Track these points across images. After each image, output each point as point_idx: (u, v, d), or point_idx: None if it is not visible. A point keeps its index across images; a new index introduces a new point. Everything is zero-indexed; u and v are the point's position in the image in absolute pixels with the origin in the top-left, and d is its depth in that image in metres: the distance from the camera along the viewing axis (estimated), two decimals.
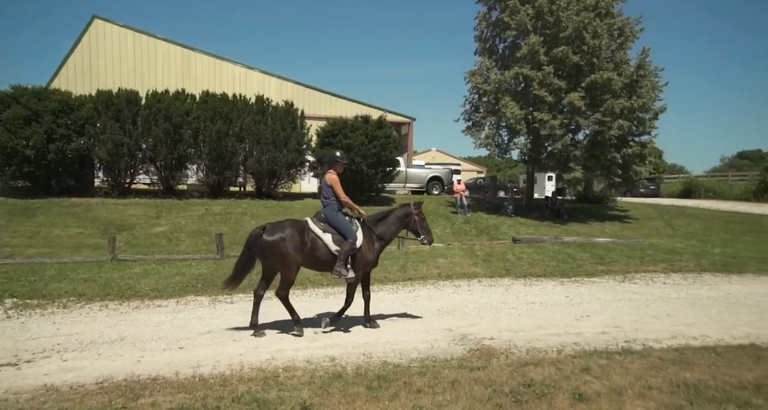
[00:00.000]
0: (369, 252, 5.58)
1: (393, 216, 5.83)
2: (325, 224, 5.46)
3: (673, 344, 4.95)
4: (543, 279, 8.80)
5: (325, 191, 5.65)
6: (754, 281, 8.47)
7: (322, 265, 5.51)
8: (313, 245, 5.33)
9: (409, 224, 5.87)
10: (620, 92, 15.40)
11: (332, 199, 5.59)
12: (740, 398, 3.51)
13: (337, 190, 5.58)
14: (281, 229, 5.29)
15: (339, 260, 5.31)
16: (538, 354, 4.65)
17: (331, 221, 5.47)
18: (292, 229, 5.31)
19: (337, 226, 5.44)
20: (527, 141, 16.94)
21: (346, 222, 5.50)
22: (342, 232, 5.41)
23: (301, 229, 5.36)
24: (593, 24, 15.36)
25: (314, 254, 5.36)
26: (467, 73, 17.79)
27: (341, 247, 5.33)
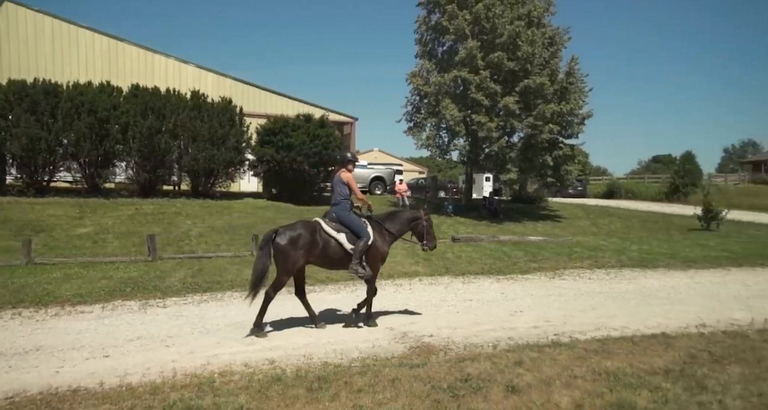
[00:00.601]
0: (384, 246, 5.76)
1: (402, 217, 6.06)
2: (338, 223, 5.53)
3: (597, 335, 5.27)
4: (480, 277, 9.09)
5: (339, 189, 5.69)
6: (665, 275, 9.23)
7: (335, 263, 5.60)
8: (325, 245, 5.41)
9: (416, 227, 6.03)
10: (551, 97, 16.27)
11: (344, 198, 5.67)
12: (652, 383, 3.82)
13: (353, 187, 5.70)
14: (293, 231, 5.31)
15: (354, 258, 5.44)
16: (475, 349, 4.81)
17: (344, 221, 5.55)
18: (305, 230, 5.34)
19: (350, 225, 5.54)
20: (466, 143, 17.47)
21: (358, 221, 5.61)
22: (356, 231, 5.52)
23: (313, 230, 5.41)
24: (527, 32, 16.13)
25: (327, 254, 5.44)
26: (408, 75, 18.08)
27: (355, 245, 5.45)
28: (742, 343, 4.82)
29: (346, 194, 5.68)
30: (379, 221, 5.86)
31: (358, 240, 5.47)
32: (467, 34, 16.72)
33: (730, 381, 3.82)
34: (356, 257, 5.44)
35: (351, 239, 5.48)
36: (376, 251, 5.65)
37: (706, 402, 3.46)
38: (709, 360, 4.35)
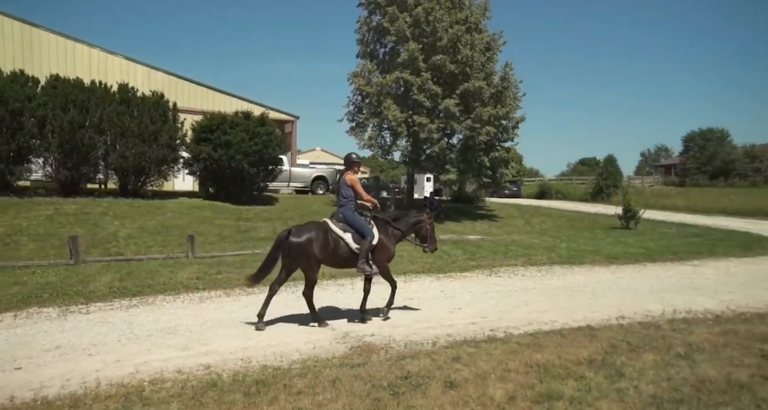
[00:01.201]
0: (390, 246, 6.01)
1: (407, 219, 6.31)
2: (344, 224, 5.74)
3: (529, 329, 5.51)
4: (421, 276, 9.25)
5: (344, 190, 5.89)
6: (591, 271, 9.84)
7: (343, 262, 5.84)
8: (335, 245, 5.63)
9: (420, 230, 6.32)
10: (488, 101, 16.86)
11: (350, 199, 5.86)
12: (577, 372, 4.06)
13: (358, 189, 5.91)
14: (307, 231, 5.55)
15: (361, 257, 5.66)
16: (416, 347, 4.89)
17: (349, 221, 5.76)
18: (317, 231, 5.58)
19: (355, 225, 5.75)
20: (408, 143, 17.72)
21: (363, 222, 5.80)
22: (361, 231, 5.72)
23: (324, 230, 5.64)
24: (466, 37, 16.62)
25: (337, 253, 5.66)
26: (350, 75, 18.07)
27: (361, 245, 5.66)
28: (654, 333, 5.23)
29: (351, 196, 5.87)
30: (386, 221, 6.08)
31: (363, 240, 5.69)
32: (408, 37, 16.97)
33: (644, 368, 4.14)
34: (362, 256, 5.67)
35: (356, 239, 5.69)
36: (382, 251, 5.89)
37: (623, 388, 3.73)
38: (627, 349, 4.69)
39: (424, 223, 6.31)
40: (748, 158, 50.83)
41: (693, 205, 26.72)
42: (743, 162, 50.62)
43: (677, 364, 4.25)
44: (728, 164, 50.79)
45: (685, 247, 12.61)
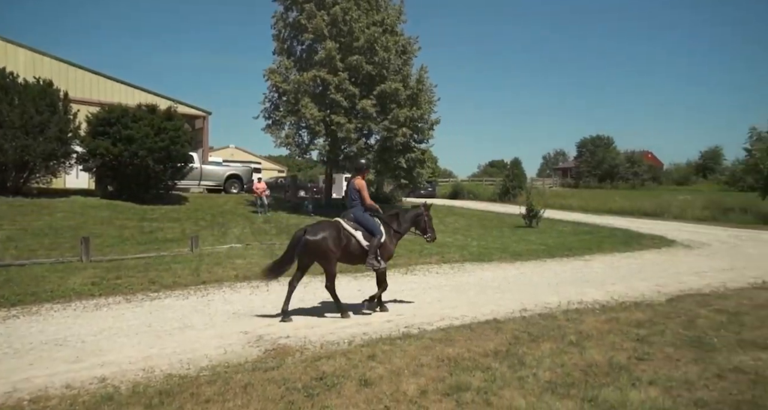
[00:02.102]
0: (391, 245, 6.42)
1: (407, 215, 6.67)
2: (355, 223, 6.18)
3: (442, 325, 5.72)
4: (340, 275, 9.12)
5: (353, 194, 6.35)
6: (498, 267, 10.47)
7: (354, 258, 6.24)
8: (347, 242, 6.03)
9: (420, 223, 6.70)
10: (404, 103, 17.27)
11: (358, 201, 6.30)
12: (484, 364, 4.30)
13: (364, 194, 6.31)
14: (322, 230, 5.95)
15: (370, 253, 6.09)
16: (331, 347, 4.88)
17: (360, 221, 6.21)
18: (331, 229, 5.99)
19: (365, 224, 6.19)
20: (326, 143, 17.62)
21: (373, 221, 6.26)
22: (370, 229, 6.17)
23: (337, 228, 6.04)
24: (382, 38, 16.88)
25: (349, 250, 6.06)
26: (266, 71, 17.58)
27: (370, 242, 6.10)
28: (551, 323, 5.69)
29: (359, 199, 6.34)
30: (387, 221, 6.47)
31: (372, 238, 6.14)
32: (326, 35, 16.88)
33: (542, 356, 4.49)
34: (371, 253, 6.12)
35: (366, 236, 6.13)
36: (384, 249, 6.29)
37: (524, 376, 4.02)
38: (528, 339, 5.05)
39: (423, 216, 6.70)
40: (629, 163, 57.20)
41: (585, 205, 29.47)
42: (625, 167, 56.87)
43: (570, 351, 4.66)
44: (613, 168, 56.78)
45: (578, 244, 13.85)
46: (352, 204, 6.37)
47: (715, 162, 58.29)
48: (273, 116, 18.11)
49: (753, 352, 4.67)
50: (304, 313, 6.35)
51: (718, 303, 6.75)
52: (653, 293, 7.53)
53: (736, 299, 7.08)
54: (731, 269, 10.01)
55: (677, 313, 6.18)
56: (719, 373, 4.11)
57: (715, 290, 7.77)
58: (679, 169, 60.15)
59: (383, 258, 6.26)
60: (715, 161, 58.52)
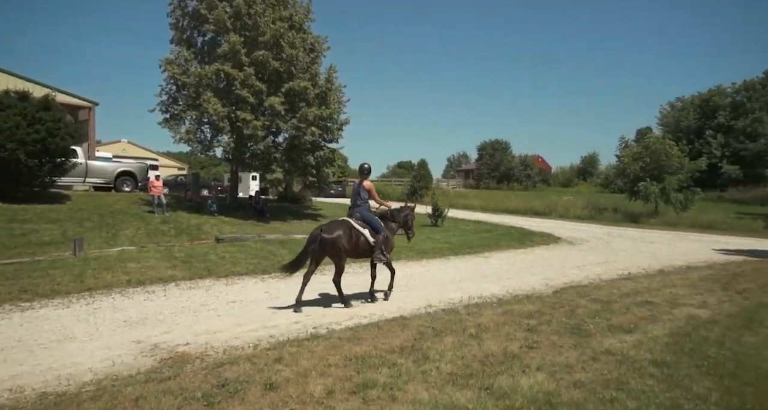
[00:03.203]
0: (392, 239, 7.20)
1: (400, 214, 7.41)
2: (362, 221, 6.78)
3: (350, 324, 5.77)
4: (245, 277, 8.92)
5: (362, 194, 6.97)
6: (406, 265, 10.74)
7: (362, 253, 6.88)
8: (357, 239, 6.65)
9: (407, 221, 7.52)
10: (313, 101, 17.08)
11: (366, 201, 6.95)
12: (391, 360, 4.42)
13: (374, 194, 7.08)
14: (337, 228, 6.56)
15: (376, 248, 6.77)
16: (235, 352, 4.70)
17: (366, 220, 6.85)
18: (344, 228, 6.59)
19: (371, 223, 6.85)
20: (231, 140, 16.86)
21: (377, 220, 6.93)
22: (375, 227, 6.83)
23: (348, 227, 6.64)
24: (289, 35, 16.52)
25: (358, 246, 6.68)
26: (163, 61, 16.38)
27: (376, 239, 6.75)
28: (454, 317, 6.00)
29: (366, 199, 6.96)
30: (386, 218, 7.19)
31: (377, 234, 6.79)
32: (229, 28, 16.13)
33: (445, 350, 4.72)
34: (377, 248, 6.77)
35: (372, 233, 6.74)
36: (387, 243, 6.99)
37: (428, 370, 4.19)
38: (432, 334, 5.27)
39: (410, 215, 7.54)
40: (523, 166, 62.10)
41: (485, 205, 31.47)
42: (520, 169, 61.66)
43: (470, 344, 4.95)
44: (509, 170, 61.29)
45: (479, 241, 14.75)
46: (358, 204, 7.01)
47: (592, 166, 65.25)
48: (171, 109, 16.92)
49: (620, 336, 5.33)
50: (206, 318, 6.04)
51: (594, 293, 7.60)
52: (542, 287, 8.26)
53: (608, 289, 8.01)
54: (605, 263, 11.31)
55: (561, 304, 6.84)
56: (594, 356, 4.63)
57: (592, 282, 8.72)
58: (564, 172, 66.38)
59: (387, 251, 7.01)
60: (592, 165, 65.50)
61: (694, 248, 14.90)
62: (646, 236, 18.39)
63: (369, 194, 7.02)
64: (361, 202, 6.99)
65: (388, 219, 7.28)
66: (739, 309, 6.80)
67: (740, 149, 41.13)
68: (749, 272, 10.24)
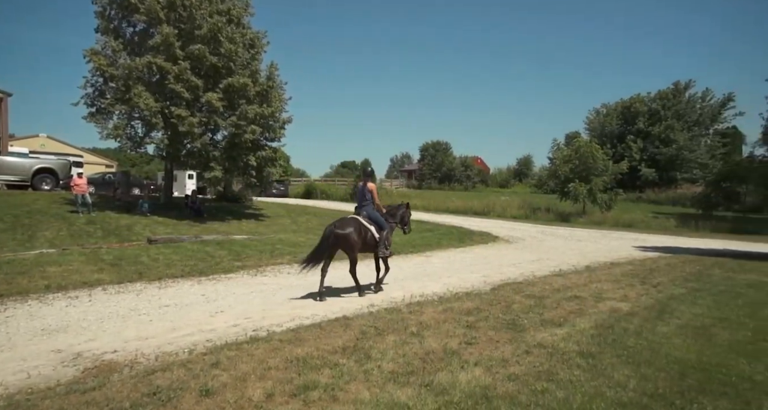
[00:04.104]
0: (391, 236, 7.82)
1: (398, 212, 8.15)
2: (369, 219, 7.48)
3: (292, 325, 5.67)
4: (180, 280, 8.54)
5: (366, 195, 7.68)
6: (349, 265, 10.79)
7: (368, 248, 7.48)
8: (365, 235, 7.32)
9: (404, 217, 8.22)
10: (254, 99, 16.64)
11: (370, 201, 7.67)
12: (332, 361, 4.39)
13: (375, 196, 7.76)
14: (349, 225, 7.20)
15: (381, 244, 7.48)
16: (169, 358, 4.49)
17: (372, 218, 7.55)
18: (356, 224, 7.25)
19: (377, 221, 7.56)
20: (165, 136, 16.06)
21: (382, 218, 7.66)
22: (380, 225, 7.56)
23: (359, 223, 7.30)
24: (227, 29, 15.98)
25: (366, 241, 7.33)
26: (87, 52, 15.32)
27: (380, 235, 7.46)
28: (396, 316, 6.07)
29: (370, 199, 7.68)
30: (386, 217, 7.84)
31: (381, 231, 7.51)
32: (162, 19, 15.36)
33: (386, 349, 4.76)
34: (382, 243, 7.48)
35: (377, 229, 7.46)
36: (389, 239, 7.70)
37: (370, 369, 4.21)
38: (374, 333, 5.30)
39: (406, 212, 8.25)
40: (464, 167, 63.95)
41: (428, 205, 32.10)
42: (460, 170, 63.44)
43: (411, 341, 5.03)
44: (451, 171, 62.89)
45: (421, 241, 15.01)
46: (363, 204, 7.71)
47: (527, 168, 68.38)
48: (98, 103, 15.84)
49: (551, 329, 5.63)
50: (136, 324, 5.71)
51: (528, 290, 7.97)
52: (481, 284, 8.55)
53: (541, 285, 8.44)
54: (538, 260, 11.89)
55: (498, 300, 7.11)
56: (527, 350, 4.85)
57: (526, 279, 9.14)
58: (502, 173, 69.03)
59: (389, 245, 7.68)
60: (527, 167, 68.65)
61: (616, 245, 16.02)
62: (575, 234, 19.56)
63: (372, 195, 7.74)
64: (366, 202, 7.71)
65: (387, 218, 7.97)
66: (654, 301, 7.40)
67: (656, 154, 44.70)
68: (663, 267, 11.17)
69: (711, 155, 43.99)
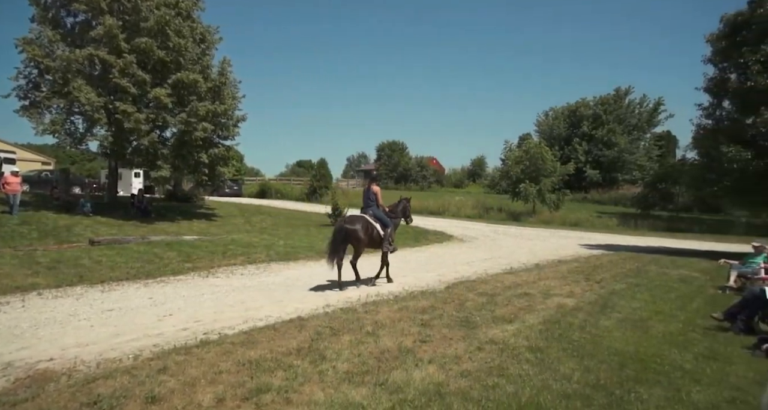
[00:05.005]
0: (394, 233, 8.57)
1: (398, 208, 8.75)
2: (375, 217, 8.14)
3: (245, 328, 5.55)
4: (125, 283, 8.16)
5: (371, 197, 8.33)
6: (305, 266, 10.67)
7: (375, 244, 8.18)
8: (372, 231, 7.98)
9: (406, 211, 8.85)
10: (205, 95, 16.10)
11: (374, 202, 8.31)
12: (286, 362, 4.33)
13: (379, 198, 8.38)
14: (358, 221, 7.93)
15: (385, 240, 8.18)
16: (111, 364, 4.28)
17: (378, 216, 8.22)
18: (363, 221, 7.94)
19: (382, 219, 8.23)
20: (108, 133, 15.26)
21: (386, 217, 8.34)
22: (384, 223, 8.24)
23: (366, 220, 8.00)
24: (176, 22, 15.39)
25: (372, 237, 8.01)
26: (20, 41, 14.34)
27: (385, 232, 8.18)
28: (352, 316, 6.06)
29: (374, 199, 8.34)
30: (390, 215, 8.50)
31: (386, 228, 8.24)
32: (104, 9, 14.60)
33: (341, 349, 4.75)
34: (386, 240, 8.23)
35: (382, 227, 8.19)
36: (392, 235, 8.48)
37: (324, 370, 4.18)
38: (330, 334, 5.28)
39: (407, 205, 8.87)
40: (419, 167, 64.71)
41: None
42: (416, 170, 64.16)
43: (366, 341, 5.04)
44: (407, 171, 63.49)
45: None
46: (369, 204, 8.34)
47: (481, 168, 70.08)
48: (32, 96, 14.86)
49: (502, 326, 5.81)
50: (75, 330, 5.40)
51: (481, 287, 8.18)
52: (436, 283, 8.69)
53: (493, 283, 8.68)
54: (491, 259, 12.23)
55: (452, 298, 7.26)
56: (479, 346, 4.98)
57: (479, 277, 9.37)
58: (456, 174, 70.34)
59: (392, 241, 8.45)
60: (480, 167, 70.35)
61: (564, 243, 16.73)
62: (526, 233, 20.26)
63: (376, 196, 8.40)
64: (372, 202, 8.37)
65: (391, 215, 8.66)
66: (598, 296, 7.80)
67: (600, 156, 47.05)
68: (606, 264, 11.78)
69: (648, 157, 46.81)
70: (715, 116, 14.99)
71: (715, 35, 14.50)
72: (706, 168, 14.55)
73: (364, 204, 8.47)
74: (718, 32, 14.45)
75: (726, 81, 14.07)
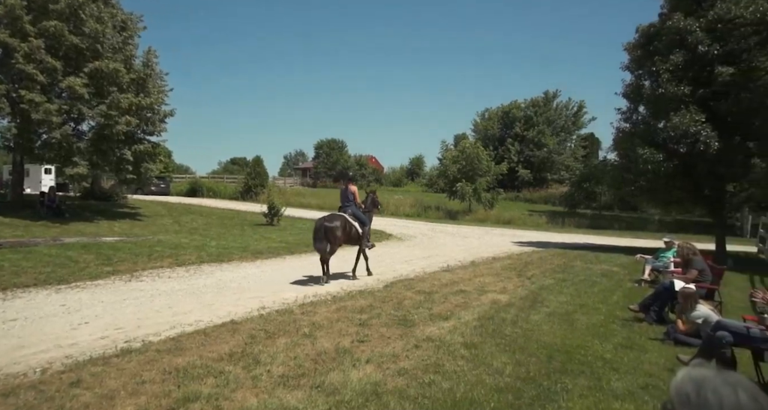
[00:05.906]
0: (369, 228, 9.32)
1: (368, 201, 9.45)
2: (353, 216, 8.81)
3: (172, 334, 5.23)
4: (32, 289, 7.41)
5: (349, 196, 9.04)
6: (238, 267, 10.26)
7: (354, 241, 8.90)
8: (350, 229, 8.65)
9: (374, 201, 9.60)
10: (128, 87, 15.05)
11: (352, 202, 9.02)
12: (217, 369, 4.12)
13: (357, 197, 9.17)
14: (336, 219, 8.52)
15: (363, 237, 8.94)
16: (14, 380, 3.85)
17: (356, 215, 8.89)
18: (342, 220, 8.57)
19: (360, 218, 8.91)
20: (12, 125, 13.85)
21: (364, 216, 9.04)
22: (362, 221, 8.92)
23: (345, 219, 8.64)
24: (91, 7, 14.24)
25: (350, 235, 8.69)
26: None
27: (363, 230, 8.86)
28: (288, 318, 5.89)
29: (352, 199, 8.97)
30: (365, 211, 9.17)
31: (363, 226, 8.83)
32: None
33: (277, 352, 4.59)
34: (364, 237, 8.87)
35: (360, 225, 8.75)
36: (369, 232, 9.20)
37: (258, 374, 4.02)
38: (264, 337, 5.09)
39: (375, 196, 9.61)
40: (358, 166, 64.74)
41: (322, 203, 31.84)
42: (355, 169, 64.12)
43: (303, 343, 4.91)
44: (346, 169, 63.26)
45: None
46: (347, 204, 8.95)
47: (419, 167, 71.36)
48: None
49: (439, 323, 5.89)
50: None
51: (419, 286, 8.28)
52: (374, 282, 8.67)
53: (430, 281, 8.82)
54: (429, 257, 12.44)
55: (390, 297, 7.27)
56: (417, 344, 5.01)
57: (417, 275, 9.48)
58: (395, 172, 71.12)
59: (369, 238, 9.13)
60: (419, 166, 71.63)
61: (498, 241, 17.38)
62: (462, 231, 20.84)
63: (354, 196, 9.01)
64: (350, 202, 8.95)
65: (366, 211, 9.24)
66: (529, 292, 8.14)
67: (531, 156, 49.47)
68: (536, 261, 12.36)
69: (575, 158, 49.87)
70: (632, 120, 16.15)
71: (631, 44, 15.63)
72: (624, 169, 15.63)
73: (342, 204, 9.09)
74: (634, 42, 15.59)
75: (641, 87, 15.20)
